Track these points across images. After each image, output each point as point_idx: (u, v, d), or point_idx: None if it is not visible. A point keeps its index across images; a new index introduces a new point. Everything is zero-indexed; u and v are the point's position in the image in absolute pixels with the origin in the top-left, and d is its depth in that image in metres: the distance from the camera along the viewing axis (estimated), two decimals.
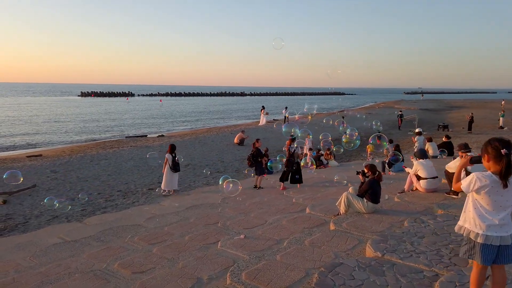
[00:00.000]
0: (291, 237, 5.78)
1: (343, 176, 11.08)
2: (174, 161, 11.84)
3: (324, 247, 5.23)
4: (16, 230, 9.06)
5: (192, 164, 17.72)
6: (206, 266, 5.13)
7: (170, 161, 11.81)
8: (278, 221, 7.04)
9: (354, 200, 6.60)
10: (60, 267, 5.75)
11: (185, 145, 22.93)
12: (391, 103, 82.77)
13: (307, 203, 8.59)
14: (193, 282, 4.65)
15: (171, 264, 5.31)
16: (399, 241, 4.86)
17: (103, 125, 38.16)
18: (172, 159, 11.86)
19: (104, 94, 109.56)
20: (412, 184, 8.32)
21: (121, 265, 5.48)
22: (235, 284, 4.28)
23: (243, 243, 5.87)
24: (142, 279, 4.81)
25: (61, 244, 7.15)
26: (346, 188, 10.21)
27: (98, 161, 17.84)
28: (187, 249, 6.03)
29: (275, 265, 4.69)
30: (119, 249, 6.46)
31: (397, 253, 4.49)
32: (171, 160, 11.83)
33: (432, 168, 7.93)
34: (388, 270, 4.07)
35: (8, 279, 5.38)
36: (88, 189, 12.85)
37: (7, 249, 7.27)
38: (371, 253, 4.60)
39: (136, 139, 27.57)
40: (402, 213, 6.62)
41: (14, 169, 9.05)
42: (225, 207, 9.14)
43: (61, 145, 25.33)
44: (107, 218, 9.42)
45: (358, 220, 6.27)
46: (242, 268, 4.65)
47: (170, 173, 11.87)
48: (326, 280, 3.86)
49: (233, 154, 20.30)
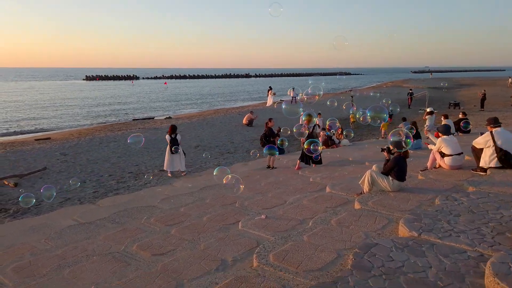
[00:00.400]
0: (315, 217, 5.53)
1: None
2: (172, 142, 11.58)
3: (352, 227, 4.98)
4: (29, 213, 8.93)
5: (201, 145, 17.50)
6: (229, 247, 4.91)
7: (168, 142, 11.63)
8: (298, 200, 6.79)
9: (378, 178, 6.31)
10: (77, 250, 5.58)
11: (193, 126, 22.66)
12: (399, 82, 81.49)
13: (325, 182, 8.33)
14: (217, 264, 4.44)
15: (192, 245, 5.10)
16: (434, 219, 4.58)
17: (109, 108, 37.93)
18: (171, 140, 11.61)
19: (109, 78, 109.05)
20: (435, 161, 7.99)
21: (140, 247, 5.29)
22: (263, 266, 4.04)
23: (265, 224, 5.64)
24: (163, 261, 4.60)
25: (75, 226, 6.99)
26: (365, 166, 9.95)
27: (107, 143, 17.66)
28: (206, 230, 5.82)
29: (303, 246, 4.45)
30: (136, 230, 6.27)
31: (435, 232, 4.22)
32: (169, 141, 11.63)
33: (456, 144, 7.58)
34: (428, 250, 3.80)
35: (24, 262, 5.22)
36: (99, 171, 12.69)
37: (21, 231, 7.13)
38: (405, 232, 4.33)
39: (144, 121, 27.35)
40: (429, 190, 6.33)
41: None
42: (239, 188, 8.89)
43: (69, 129, 25.20)
44: (120, 200, 9.25)
45: (384, 199, 5.99)
46: (268, 249, 4.41)
47: (169, 154, 11.69)
48: (362, 262, 3.61)
49: (243, 135, 20.01)
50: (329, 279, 3.62)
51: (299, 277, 3.76)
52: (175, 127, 11.99)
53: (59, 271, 4.73)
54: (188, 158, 14.70)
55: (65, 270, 4.73)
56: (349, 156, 12.33)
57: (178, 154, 11.74)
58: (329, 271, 3.83)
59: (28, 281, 4.51)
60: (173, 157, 11.71)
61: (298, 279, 3.73)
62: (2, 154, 15.24)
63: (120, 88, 71.78)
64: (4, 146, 17.21)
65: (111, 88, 71.72)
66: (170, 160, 11.75)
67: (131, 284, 4.07)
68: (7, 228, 7.59)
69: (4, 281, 4.74)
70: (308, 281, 3.67)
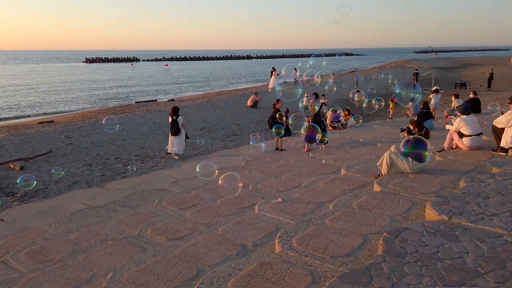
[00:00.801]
0: (335, 200, 5.35)
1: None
2: (172, 124, 11.36)
3: (375, 210, 4.80)
4: (37, 197, 8.80)
5: (207, 127, 17.27)
6: (248, 231, 4.76)
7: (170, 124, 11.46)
8: (314, 183, 6.61)
9: (397, 160, 6.10)
10: (90, 234, 5.44)
11: (198, 108, 22.36)
12: (403, 62, 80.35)
13: (339, 164, 8.14)
14: (238, 249, 4.29)
15: (210, 230, 4.94)
16: (462, 202, 4.39)
17: (111, 92, 37.39)
18: (171, 122, 11.39)
19: (109, 60, 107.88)
20: (452, 142, 7.76)
21: (155, 231, 5.14)
22: (287, 251, 3.88)
23: (282, 207, 5.47)
24: (181, 246, 4.45)
25: (86, 210, 6.85)
26: (377, 148, 9.75)
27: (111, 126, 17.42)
28: (222, 213, 5.66)
29: (327, 230, 4.28)
30: (148, 214, 6.12)
31: (466, 215, 4.04)
32: (170, 123, 11.46)
33: (477, 124, 7.34)
34: (462, 235, 3.62)
35: (36, 247, 5.08)
36: (105, 154, 12.51)
37: (30, 215, 7.00)
38: (434, 216, 4.15)
39: (147, 103, 27.03)
40: (450, 172, 6.13)
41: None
42: (251, 170, 8.73)
43: (71, 112, 24.93)
44: (128, 183, 9.10)
45: (404, 181, 5.80)
46: (290, 234, 4.25)
47: (170, 136, 11.54)
48: (394, 247, 3.44)
49: (248, 117, 19.74)
50: (359, 266, 3.46)
51: (327, 263, 3.60)
52: (177, 109, 11.74)
53: (74, 256, 4.59)
54: (194, 140, 14.51)
55: (79, 256, 4.59)
56: (359, 138, 12.11)
57: (178, 137, 11.51)
58: (358, 257, 3.67)
59: (43, 267, 4.38)
60: (172, 139, 11.52)
61: (325, 265, 3.57)
62: (6, 137, 15.06)
63: (120, 71, 70.98)
64: (7, 130, 17.00)
65: (112, 71, 70.96)
66: (171, 142, 11.59)
67: (149, 270, 3.93)
68: (16, 212, 7.47)
69: (18, 266, 4.62)
70: (337, 267, 3.52)
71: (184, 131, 11.66)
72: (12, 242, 5.51)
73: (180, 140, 11.58)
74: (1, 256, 5.03)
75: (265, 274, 3.48)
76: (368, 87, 17.77)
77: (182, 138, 11.62)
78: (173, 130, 11.36)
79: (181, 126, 11.51)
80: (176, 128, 11.36)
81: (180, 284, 3.64)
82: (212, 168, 6.84)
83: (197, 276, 3.76)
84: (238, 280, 3.40)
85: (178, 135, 11.47)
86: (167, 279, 3.73)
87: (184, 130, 11.70)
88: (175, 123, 11.36)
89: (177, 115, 11.48)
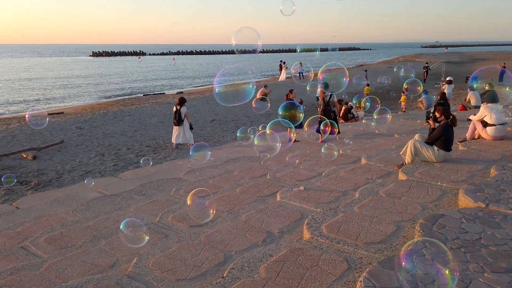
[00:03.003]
0: (360, 188, 5.20)
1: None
2: (175, 113, 11.27)
3: (404, 198, 4.65)
4: (51, 185, 8.76)
5: (217, 119, 17.17)
6: (272, 219, 4.63)
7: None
8: (335, 172, 6.46)
9: (422, 148, 5.93)
10: (109, 221, 5.35)
11: (207, 101, 22.24)
12: (411, 56, 79.51)
13: (357, 154, 7.97)
14: (264, 236, 4.17)
15: (232, 217, 4.83)
16: (497, 190, 4.23)
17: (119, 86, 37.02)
18: (175, 112, 11.30)
19: (115, 54, 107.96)
20: (475, 132, 7.56)
21: (175, 218, 5.04)
22: (318, 238, 3.75)
23: (305, 195, 5.33)
24: (206, 233, 4.34)
25: (102, 198, 6.76)
26: (395, 139, 9.56)
27: (121, 117, 17.37)
28: (242, 201, 5.54)
29: (356, 217, 4.14)
30: (167, 202, 6.02)
31: (503, 203, 3.88)
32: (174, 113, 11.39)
33: (502, 113, 7.13)
34: (502, 221, 3.47)
35: (56, 233, 5.00)
36: (116, 145, 12.46)
37: (46, 203, 6.93)
38: (470, 203, 3.99)
39: (155, 96, 26.97)
40: (477, 161, 5.95)
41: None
42: (267, 160, 8.59)
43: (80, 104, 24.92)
44: (142, 173, 9.00)
45: (430, 169, 5.63)
46: (319, 220, 4.11)
47: (174, 126, 11.48)
48: (434, 234, 3.29)
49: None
50: (395, 252, 3.32)
51: (361, 249, 3.47)
52: (183, 99, 11.62)
53: (95, 242, 4.50)
54: (205, 132, 14.44)
55: (101, 242, 4.50)
56: (373, 129, 11.89)
57: (181, 127, 11.38)
58: (393, 244, 3.53)
59: (64, 252, 4.29)
60: (177, 129, 11.42)
61: (360, 251, 3.44)
62: (18, 127, 15.06)
63: (127, 65, 70.94)
64: (18, 120, 17.01)
65: (119, 64, 70.95)
66: (174, 132, 11.52)
67: (175, 255, 3.82)
68: (31, 200, 7.40)
69: (38, 252, 4.54)
70: (372, 254, 3.38)
71: (188, 122, 11.53)
72: (30, 229, 5.43)
73: (184, 130, 11.45)
74: (20, 242, 4.96)
75: (297, 260, 3.35)
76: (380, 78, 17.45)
77: (186, 128, 11.48)
78: (176, 120, 11.26)
79: (185, 116, 11.37)
80: (179, 118, 11.24)
81: (208, 270, 3.53)
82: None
83: (224, 261, 3.65)
84: (270, 265, 3.27)
85: (181, 125, 11.35)
86: (194, 264, 3.62)
87: (188, 121, 11.55)
88: (178, 113, 11.25)
89: (182, 106, 11.36)
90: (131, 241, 3.80)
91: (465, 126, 8.93)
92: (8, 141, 12.91)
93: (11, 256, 4.48)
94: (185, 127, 11.48)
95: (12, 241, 5.00)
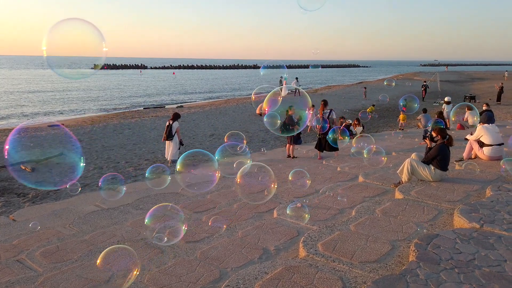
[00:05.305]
0: (357, 206, 5.23)
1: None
2: (166, 128, 11.28)
3: (400, 217, 4.67)
4: (48, 198, 8.75)
5: (216, 134, 17.23)
6: (269, 235, 4.65)
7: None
8: (332, 189, 6.50)
9: (419, 167, 5.98)
10: (105, 235, 5.35)
11: (206, 115, 22.38)
12: (410, 74, 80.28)
13: (355, 171, 8.02)
14: (260, 253, 4.18)
15: (229, 233, 4.84)
16: (492, 211, 4.26)
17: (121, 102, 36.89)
18: (167, 126, 11.31)
19: (117, 67, 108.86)
20: (471, 151, 7.63)
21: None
22: (313, 256, 3.76)
23: (302, 212, 5.35)
24: (201, 249, 4.35)
25: (99, 212, 6.77)
26: (393, 157, 9.62)
27: (121, 130, 17.44)
28: (239, 217, 5.56)
29: (352, 236, 4.16)
30: (164, 217, 6.01)
31: (498, 224, 3.91)
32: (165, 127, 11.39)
33: (498, 134, 7.21)
34: (497, 243, 3.49)
35: (52, 247, 4.99)
36: (115, 158, 12.48)
37: (43, 216, 6.93)
38: (464, 224, 4.02)
39: (155, 109, 27.12)
40: (473, 181, 5.99)
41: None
42: (265, 176, 8.61)
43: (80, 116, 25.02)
44: (140, 186, 9.03)
45: (426, 189, 5.67)
46: (315, 238, 4.12)
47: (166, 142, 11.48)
48: (428, 254, 3.31)
49: (257, 125, 19.68)
50: (391, 272, 3.34)
51: (356, 268, 3.48)
52: (177, 115, 11.60)
53: (91, 256, 4.49)
54: (204, 146, 14.48)
55: (97, 256, 4.48)
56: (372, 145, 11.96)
57: (171, 142, 11.32)
58: (388, 264, 3.55)
59: (60, 266, 4.28)
60: (167, 144, 11.42)
61: (355, 270, 3.45)
62: (17, 139, 15.08)
63: (128, 78, 71.47)
64: (18, 132, 17.03)
65: (120, 78, 71.46)
66: (166, 148, 11.51)
67: (171, 271, 3.82)
68: (27, 212, 7.40)
69: (34, 266, 4.52)
70: (367, 273, 3.39)
71: (178, 138, 11.42)
72: (26, 242, 5.42)
73: (173, 146, 11.37)
74: (16, 255, 4.95)
75: (292, 278, 3.36)
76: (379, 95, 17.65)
77: (174, 143, 11.38)
78: (166, 134, 11.27)
79: (176, 131, 11.36)
80: (169, 132, 11.24)
81: (203, 286, 3.53)
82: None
83: (220, 278, 3.65)
84: (265, 283, 3.28)
85: (170, 139, 11.31)
86: (189, 280, 3.62)
87: (179, 137, 11.44)
88: (170, 128, 11.27)
89: (175, 121, 11.41)
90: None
91: (463, 146, 9.01)
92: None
93: (6, 269, 4.46)
94: (174, 142, 11.43)
95: (7, 254, 4.99)
